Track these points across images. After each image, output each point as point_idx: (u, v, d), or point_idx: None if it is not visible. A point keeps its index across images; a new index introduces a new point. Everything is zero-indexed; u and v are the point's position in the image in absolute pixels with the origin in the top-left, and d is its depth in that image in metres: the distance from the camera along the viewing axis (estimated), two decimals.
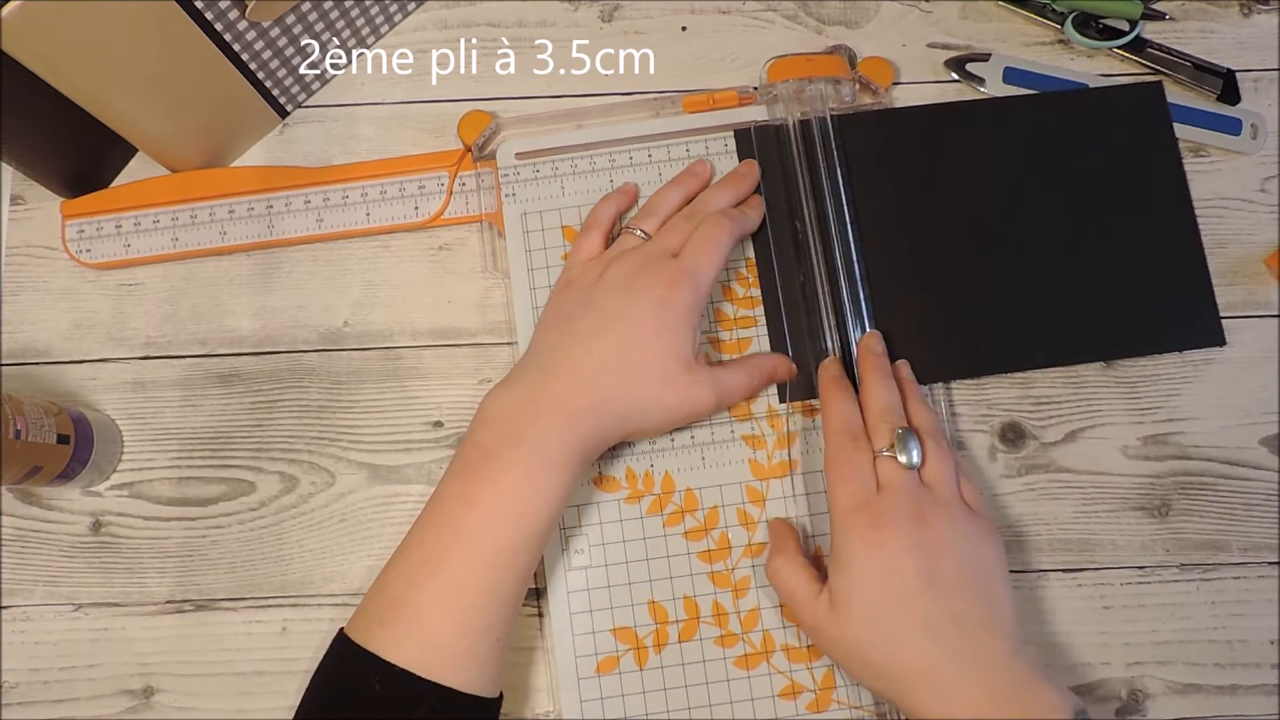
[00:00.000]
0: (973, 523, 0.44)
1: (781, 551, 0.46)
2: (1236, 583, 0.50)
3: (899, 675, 0.41)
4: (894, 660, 0.41)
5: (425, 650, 0.40)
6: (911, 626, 0.41)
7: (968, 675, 0.40)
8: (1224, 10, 0.57)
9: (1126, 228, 0.52)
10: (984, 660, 0.40)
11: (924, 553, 0.42)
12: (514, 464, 0.42)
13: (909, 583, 0.41)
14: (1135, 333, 0.51)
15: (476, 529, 0.42)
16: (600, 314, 0.45)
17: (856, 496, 0.44)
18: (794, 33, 0.56)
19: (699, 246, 0.47)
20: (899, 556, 0.42)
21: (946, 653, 0.40)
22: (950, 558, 0.42)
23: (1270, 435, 0.51)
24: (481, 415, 0.44)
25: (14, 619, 0.50)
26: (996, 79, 0.54)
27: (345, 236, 0.53)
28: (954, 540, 0.42)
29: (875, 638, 0.42)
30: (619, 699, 0.47)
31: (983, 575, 0.43)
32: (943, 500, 0.44)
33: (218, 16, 0.46)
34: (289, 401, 0.52)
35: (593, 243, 0.49)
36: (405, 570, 0.42)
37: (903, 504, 0.43)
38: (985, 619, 0.41)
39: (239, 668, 0.49)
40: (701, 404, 0.46)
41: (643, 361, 0.44)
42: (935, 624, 0.41)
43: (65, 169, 0.52)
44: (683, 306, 0.45)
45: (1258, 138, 0.54)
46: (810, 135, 0.52)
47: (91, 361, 0.52)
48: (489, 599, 0.41)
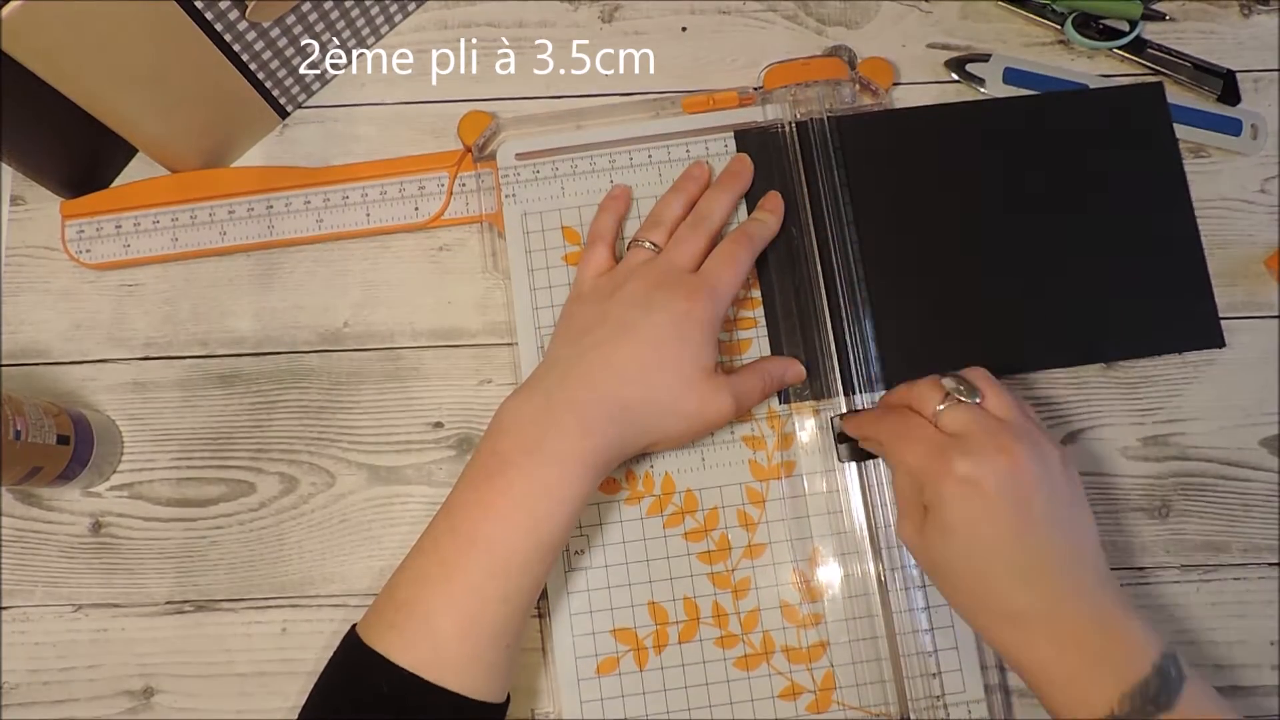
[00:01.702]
0: (1052, 445, 0.42)
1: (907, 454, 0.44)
2: (1236, 583, 0.50)
3: (984, 611, 0.41)
4: (979, 598, 0.41)
5: (434, 655, 0.40)
6: (1001, 571, 0.40)
7: (1051, 617, 0.40)
8: (1224, 11, 0.56)
9: (1126, 228, 0.52)
10: (1068, 601, 0.40)
11: (1016, 494, 0.40)
12: (530, 472, 0.42)
13: (1002, 528, 0.40)
14: (1135, 334, 0.51)
15: (491, 536, 0.41)
16: (619, 325, 0.45)
17: (929, 448, 0.42)
18: (794, 33, 0.56)
19: (721, 262, 0.47)
20: (993, 501, 0.40)
21: (1033, 596, 0.40)
22: (1040, 494, 0.41)
23: (1270, 436, 0.51)
24: (498, 422, 0.44)
25: (14, 619, 0.50)
26: (996, 79, 0.54)
27: (345, 237, 0.53)
28: (1040, 473, 0.41)
29: (965, 573, 0.41)
30: (619, 700, 0.47)
31: (1070, 507, 0.42)
32: (1018, 429, 0.42)
33: (218, 16, 0.46)
34: (289, 402, 0.52)
35: (601, 256, 0.49)
36: (417, 574, 0.42)
37: (983, 441, 0.41)
38: (1072, 554, 0.41)
39: (239, 668, 0.49)
40: (721, 413, 0.46)
41: (662, 371, 0.44)
42: (1024, 568, 0.40)
43: (65, 169, 0.52)
44: (703, 319, 0.45)
45: (1258, 138, 0.54)
46: (810, 136, 0.52)
47: (91, 362, 0.52)
48: (500, 606, 0.41)
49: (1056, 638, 0.40)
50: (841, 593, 0.48)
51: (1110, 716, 0.38)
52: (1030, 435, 0.42)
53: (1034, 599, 0.40)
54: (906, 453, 0.43)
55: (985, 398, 0.43)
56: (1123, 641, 0.39)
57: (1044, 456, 0.42)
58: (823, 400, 0.50)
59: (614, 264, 0.49)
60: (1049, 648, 0.40)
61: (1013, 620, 0.41)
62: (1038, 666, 0.40)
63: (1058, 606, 0.40)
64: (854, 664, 0.48)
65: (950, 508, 0.41)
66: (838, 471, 0.49)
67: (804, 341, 0.51)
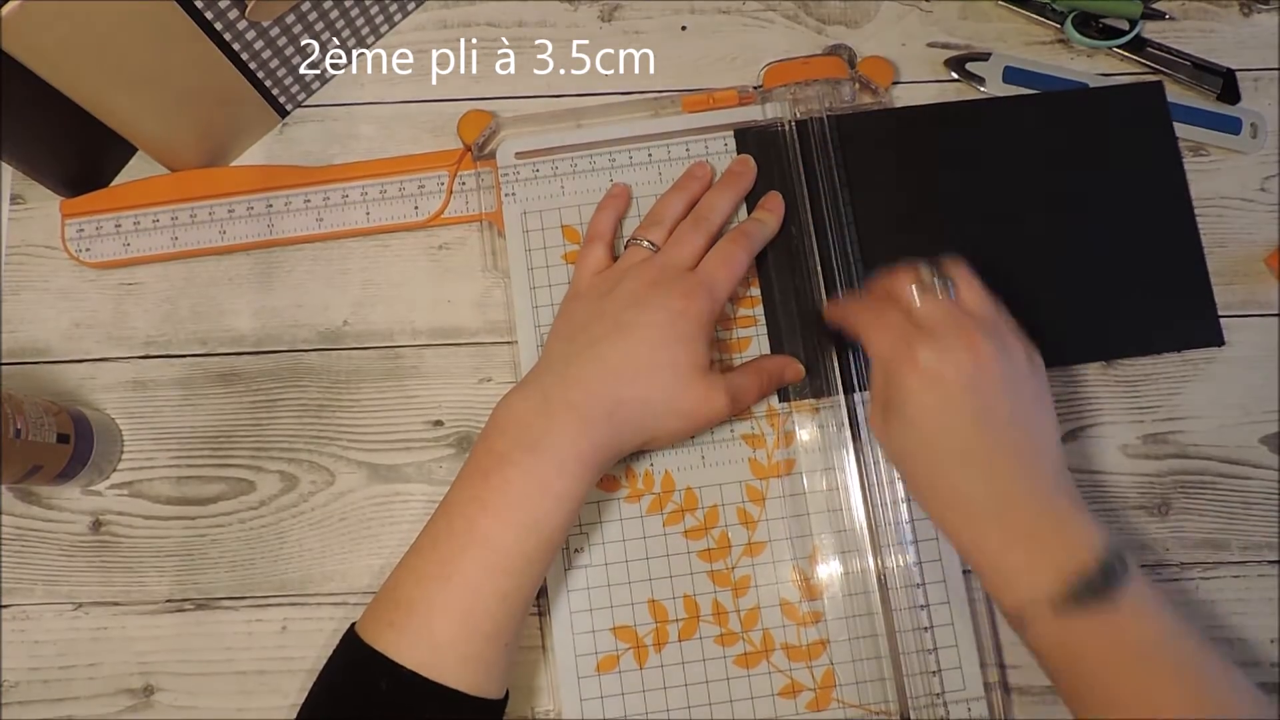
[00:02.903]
0: (1018, 342, 0.43)
1: None
2: (1236, 582, 0.50)
3: (937, 499, 0.43)
4: (934, 487, 0.43)
5: (432, 653, 0.40)
6: (956, 462, 0.42)
7: (1002, 510, 0.41)
8: (1224, 10, 0.57)
9: (1126, 227, 0.52)
10: (1020, 496, 0.41)
11: (977, 388, 0.41)
12: (529, 470, 0.42)
13: (960, 419, 0.41)
14: (1134, 332, 0.52)
15: (489, 534, 0.42)
16: (615, 323, 0.45)
17: (897, 337, 0.43)
18: (794, 33, 0.56)
19: (718, 262, 0.47)
20: (953, 393, 0.41)
21: (987, 488, 0.41)
22: (1001, 390, 0.42)
23: (1270, 434, 0.51)
24: (496, 421, 0.44)
25: (14, 618, 0.50)
26: (996, 79, 0.54)
27: (345, 236, 0.53)
28: (1003, 369, 0.42)
29: (922, 461, 0.43)
30: (619, 698, 0.47)
31: (1032, 404, 0.43)
32: (987, 324, 0.43)
33: (217, 16, 0.46)
34: (289, 401, 0.52)
35: (598, 254, 0.49)
36: (415, 572, 0.42)
37: (949, 334, 0.42)
38: (1030, 450, 0.42)
39: (239, 667, 0.49)
40: (716, 410, 0.46)
41: (658, 368, 0.45)
42: (979, 461, 0.41)
43: (65, 168, 0.52)
44: (699, 317, 0.45)
45: (1257, 137, 0.54)
46: (810, 135, 0.52)
47: (91, 361, 0.52)
48: (498, 604, 0.41)
49: (1006, 529, 0.41)
50: (841, 590, 0.48)
51: (1048, 599, 0.39)
52: (997, 331, 0.43)
53: (987, 491, 0.41)
54: (878, 340, 0.44)
55: (959, 290, 0.44)
56: (1070, 535, 0.40)
57: (1009, 352, 0.42)
58: (823, 399, 0.50)
59: (612, 262, 0.49)
60: (997, 538, 0.41)
61: (965, 510, 0.42)
62: (985, 555, 0.41)
63: (1009, 500, 0.41)
64: (854, 662, 0.48)
65: (912, 398, 0.42)
66: (838, 470, 0.49)
67: (804, 341, 0.51)
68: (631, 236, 0.49)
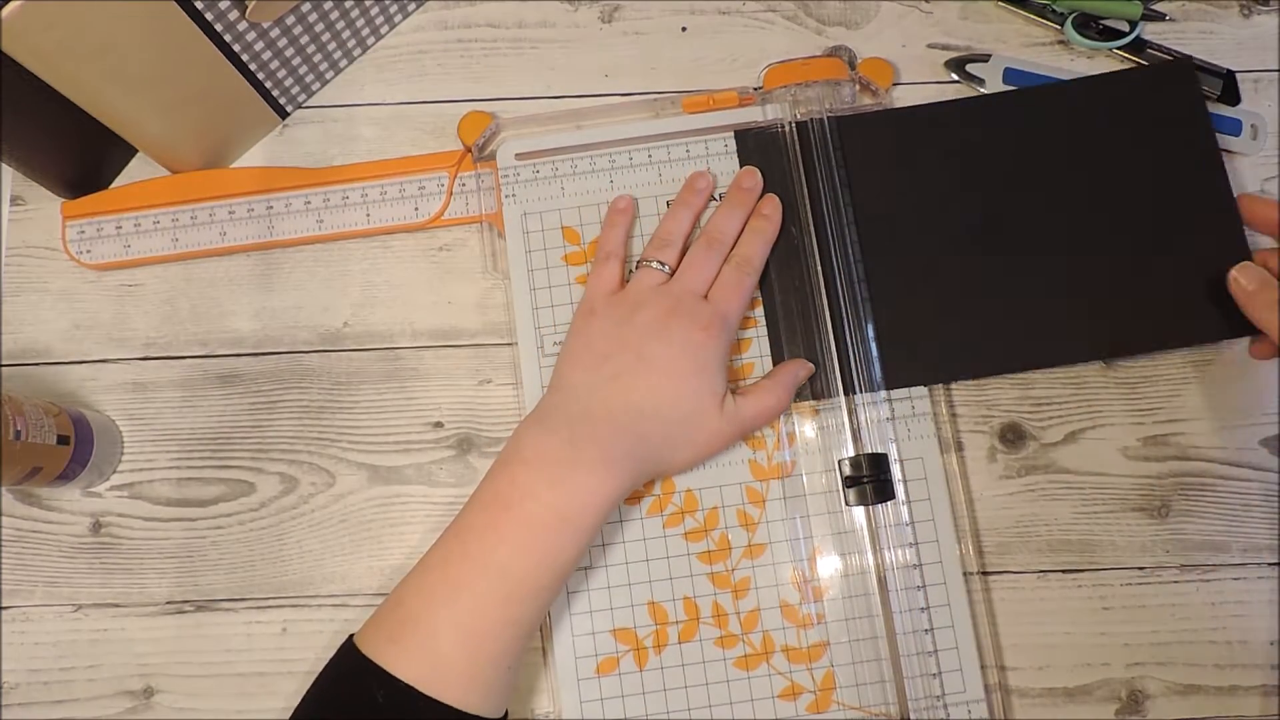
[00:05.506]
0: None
1: None
2: (1236, 583, 0.50)
3: None
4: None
5: (434, 671, 0.40)
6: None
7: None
8: (1224, 11, 0.57)
9: (1161, 214, 0.51)
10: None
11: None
12: (552, 506, 0.42)
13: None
14: (1176, 323, 0.50)
15: (505, 564, 0.42)
16: (637, 357, 0.45)
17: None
18: (794, 33, 0.56)
19: (728, 292, 0.48)
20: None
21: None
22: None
23: (1270, 436, 0.51)
24: (519, 452, 0.44)
25: (14, 619, 0.50)
26: (996, 80, 0.54)
27: (345, 237, 0.53)
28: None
29: None
30: (619, 700, 0.47)
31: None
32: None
33: (218, 17, 0.46)
34: (289, 402, 0.52)
35: (612, 272, 0.49)
36: (423, 590, 0.42)
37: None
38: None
39: (239, 668, 0.49)
40: (728, 441, 0.47)
41: (680, 403, 0.45)
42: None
43: (65, 169, 0.52)
44: (717, 349, 0.46)
45: (1258, 138, 0.54)
46: (810, 136, 0.52)
47: (91, 362, 0.52)
48: (505, 628, 0.41)
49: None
50: (841, 593, 0.48)
51: None
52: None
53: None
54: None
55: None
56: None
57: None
58: (823, 400, 0.50)
59: (624, 279, 0.49)
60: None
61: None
62: None
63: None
64: (854, 664, 0.48)
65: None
66: (837, 471, 0.49)
67: (804, 341, 0.51)
68: (642, 257, 0.49)
